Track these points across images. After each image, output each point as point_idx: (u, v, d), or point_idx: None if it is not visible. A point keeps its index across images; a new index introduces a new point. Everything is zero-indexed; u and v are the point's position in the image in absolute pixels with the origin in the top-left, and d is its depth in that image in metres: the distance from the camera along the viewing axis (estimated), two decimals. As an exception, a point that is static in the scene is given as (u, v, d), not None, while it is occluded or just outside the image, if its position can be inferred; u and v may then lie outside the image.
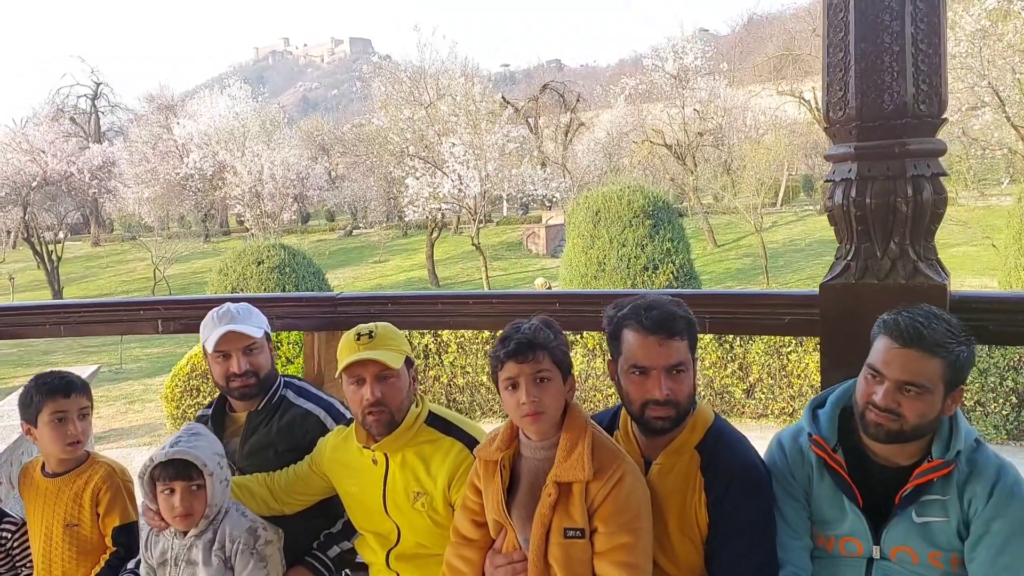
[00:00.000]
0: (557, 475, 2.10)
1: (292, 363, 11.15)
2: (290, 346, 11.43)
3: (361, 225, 43.16)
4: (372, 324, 2.48)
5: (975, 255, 23.38)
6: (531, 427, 2.15)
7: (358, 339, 2.42)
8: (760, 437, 2.15)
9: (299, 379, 3.04)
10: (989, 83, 16.00)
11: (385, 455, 2.50)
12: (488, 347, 12.25)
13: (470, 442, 2.48)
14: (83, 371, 7.82)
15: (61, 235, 37.73)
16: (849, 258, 2.47)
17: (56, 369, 2.83)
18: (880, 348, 2.05)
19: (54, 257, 34.48)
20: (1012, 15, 16.24)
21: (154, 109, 47.22)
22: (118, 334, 3.61)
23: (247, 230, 36.75)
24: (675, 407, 2.16)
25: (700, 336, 2.29)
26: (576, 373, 11.38)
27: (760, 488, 2.17)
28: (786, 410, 10.77)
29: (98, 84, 53.79)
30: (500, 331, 2.24)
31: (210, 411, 2.96)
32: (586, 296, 2.46)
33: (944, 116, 2.38)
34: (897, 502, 2.07)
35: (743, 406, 11.41)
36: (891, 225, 2.38)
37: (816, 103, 36.89)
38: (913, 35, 2.31)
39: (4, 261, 36.24)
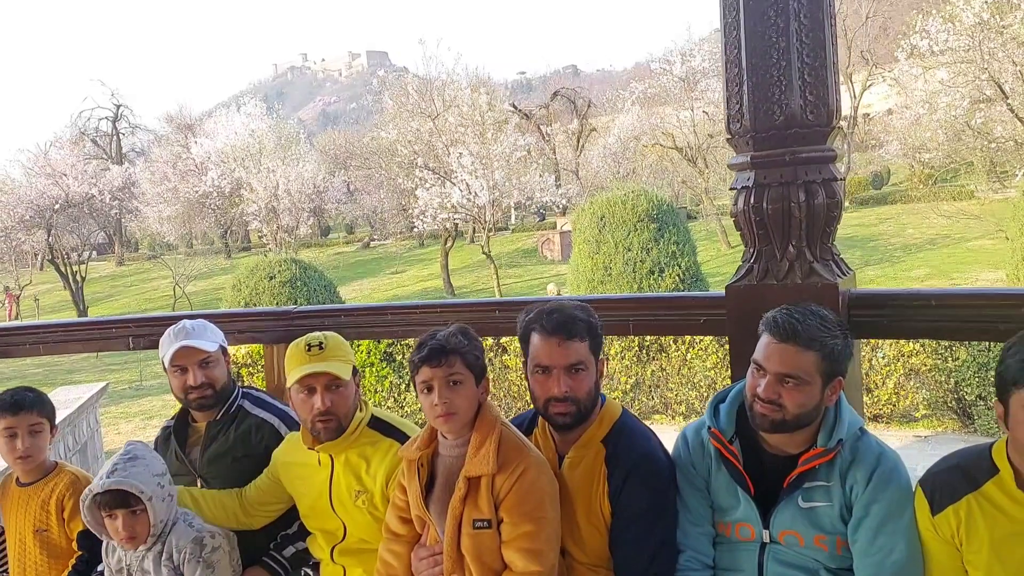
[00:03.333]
0: (467, 471, 2.27)
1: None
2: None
3: (376, 237, 43.57)
4: (321, 334, 2.66)
5: (991, 248, 23.17)
6: (444, 427, 2.32)
7: (308, 350, 2.59)
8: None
9: (257, 389, 3.23)
10: (990, 76, 15.94)
11: (330, 456, 2.67)
12: (491, 352, 12.44)
13: None
14: (91, 389, 8.12)
15: (85, 255, 38.47)
16: (752, 261, 2.62)
17: (19, 387, 2.98)
18: (762, 344, 2.21)
19: (78, 277, 35.19)
20: (1014, 6, 16.15)
21: (174, 129, 48.08)
22: (93, 351, 3.80)
23: (265, 245, 37.28)
24: (575, 404, 2.32)
25: (700, 338, 2.42)
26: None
27: (657, 477, 2.32)
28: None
29: (118, 106, 54.86)
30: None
31: (173, 423, 3.15)
32: (523, 304, 2.61)
33: (834, 124, 2.52)
34: (784, 487, 2.21)
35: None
36: (788, 229, 2.53)
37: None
38: (798, 50, 2.45)
39: (31, 283, 36.98)
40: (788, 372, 2.14)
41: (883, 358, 10.84)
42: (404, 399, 11.91)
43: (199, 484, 3.00)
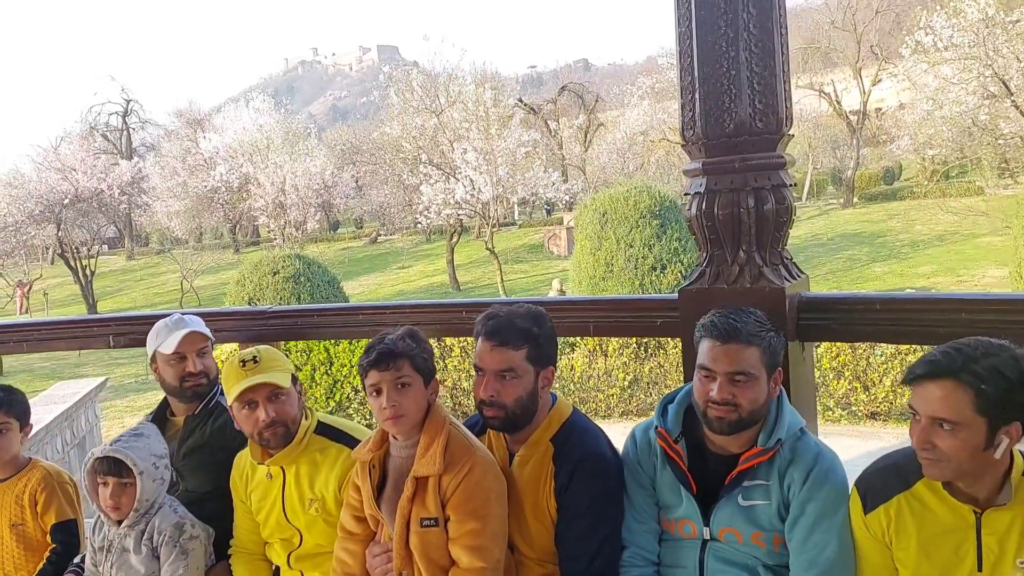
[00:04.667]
0: (415, 471, 2.34)
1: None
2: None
3: (383, 232, 43.73)
4: (253, 349, 2.71)
5: (999, 245, 23.06)
6: (393, 429, 2.39)
7: (243, 365, 2.63)
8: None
9: None
10: (994, 72, 15.83)
11: (281, 468, 2.72)
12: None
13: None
14: (89, 383, 8.24)
15: (95, 250, 38.72)
16: (705, 265, 2.67)
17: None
18: (705, 349, 2.27)
19: (88, 272, 35.47)
20: (1021, 1, 16.02)
21: (183, 124, 48.33)
22: (75, 349, 3.89)
23: (271, 240, 37.48)
24: (501, 408, 2.37)
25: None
26: (578, 375, 11.69)
27: (602, 475, 2.38)
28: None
29: (128, 101, 55.08)
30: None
31: (151, 417, 3.24)
32: (488, 305, 2.68)
33: (784, 131, 2.57)
34: (725, 485, 2.27)
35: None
36: (738, 234, 2.58)
37: (836, 95, 36.62)
38: (747, 60, 2.51)
39: (41, 276, 37.31)
40: (738, 370, 2.20)
41: (880, 356, 10.87)
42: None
43: (174, 478, 3.09)
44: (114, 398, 16.67)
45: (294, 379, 2.73)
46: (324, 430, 2.76)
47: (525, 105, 35.34)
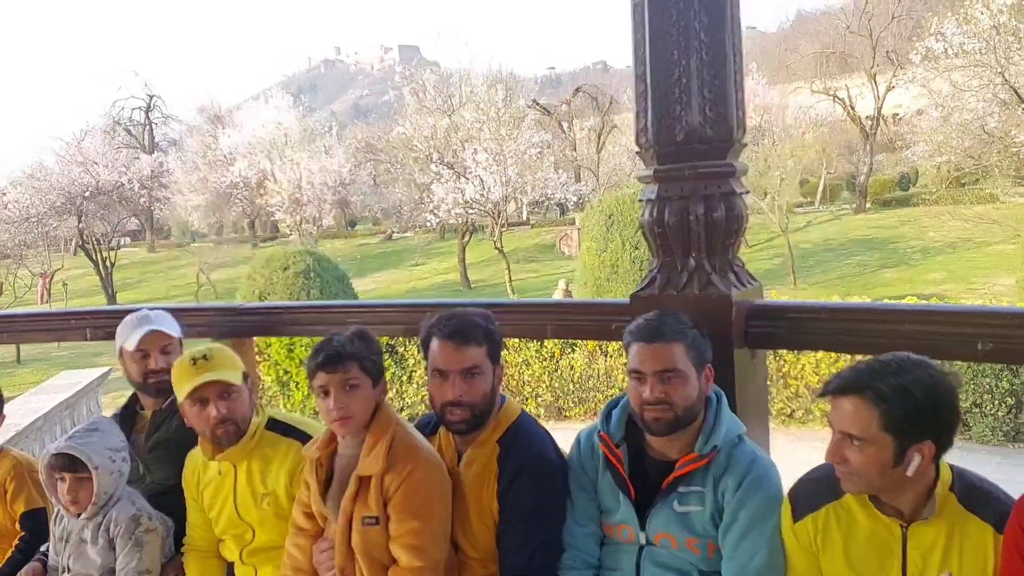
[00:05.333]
0: (358, 470, 2.39)
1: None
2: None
3: (397, 230, 43.97)
4: (205, 347, 2.75)
5: (1011, 253, 22.79)
6: (340, 430, 2.43)
7: (194, 364, 2.67)
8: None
9: None
10: (1005, 79, 15.65)
11: (233, 465, 2.76)
12: (504, 351, 12.53)
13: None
14: (91, 374, 8.38)
15: (115, 242, 39.24)
16: (656, 271, 2.70)
17: None
18: (633, 353, 2.30)
19: (108, 263, 35.93)
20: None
21: (205, 120, 48.79)
22: (54, 341, 3.98)
23: (288, 235, 37.77)
24: (469, 408, 2.41)
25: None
26: (577, 374, 11.71)
27: (544, 478, 2.41)
28: (784, 411, 10.79)
29: (151, 96, 55.64)
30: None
31: (120, 411, 3.30)
32: (463, 306, 2.73)
33: (735, 140, 2.59)
34: (661, 491, 2.30)
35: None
36: (688, 241, 2.61)
37: (851, 100, 36.34)
38: (698, 69, 2.53)
39: (63, 267, 37.81)
40: (666, 367, 2.24)
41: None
42: (405, 391, 12.05)
43: (141, 470, 3.15)
44: (124, 388, 16.81)
45: (245, 377, 2.77)
46: (274, 425, 2.79)
47: (539, 106, 35.31)
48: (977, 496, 1.95)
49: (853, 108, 35.79)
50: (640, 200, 2.73)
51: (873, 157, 35.89)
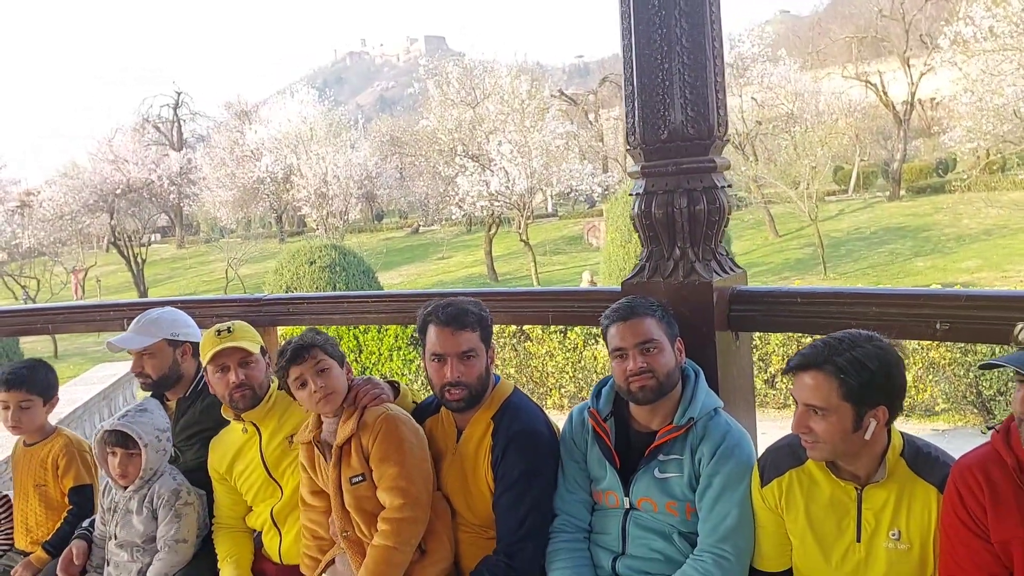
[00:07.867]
0: (336, 441, 2.66)
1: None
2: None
3: (422, 223, 44.34)
4: (229, 322, 3.03)
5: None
6: (325, 408, 2.69)
7: (218, 335, 2.97)
8: (784, 428, 2.42)
9: None
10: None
11: (255, 425, 3.03)
12: (514, 339, 12.81)
13: None
14: (128, 365, 8.74)
15: (145, 239, 40.13)
16: (645, 259, 2.91)
17: (23, 362, 3.42)
18: (612, 333, 2.55)
19: (139, 259, 36.76)
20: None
21: (232, 116, 49.52)
22: (94, 331, 4.27)
23: (314, 230, 38.29)
24: (466, 388, 2.65)
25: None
26: (600, 365, 11.88)
27: (533, 449, 2.64)
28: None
29: (179, 93, 56.53)
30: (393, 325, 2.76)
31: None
32: (474, 295, 2.95)
33: (716, 137, 2.78)
34: (643, 458, 2.52)
35: (765, 396, 11.59)
36: (673, 232, 2.81)
37: (884, 86, 35.87)
38: (680, 71, 2.73)
39: (96, 264, 38.77)
40: (644, 339, 2.48)
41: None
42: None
43: (175, 452, 3.42)
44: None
45: (263, 351, 3.05)
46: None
47: (565, 96, 35.38)
48: (924, 460, 2.15)
49: (886, 93, 35.32)
50: (631, 194, 2.94)
51: (908, 143, 35.39)
